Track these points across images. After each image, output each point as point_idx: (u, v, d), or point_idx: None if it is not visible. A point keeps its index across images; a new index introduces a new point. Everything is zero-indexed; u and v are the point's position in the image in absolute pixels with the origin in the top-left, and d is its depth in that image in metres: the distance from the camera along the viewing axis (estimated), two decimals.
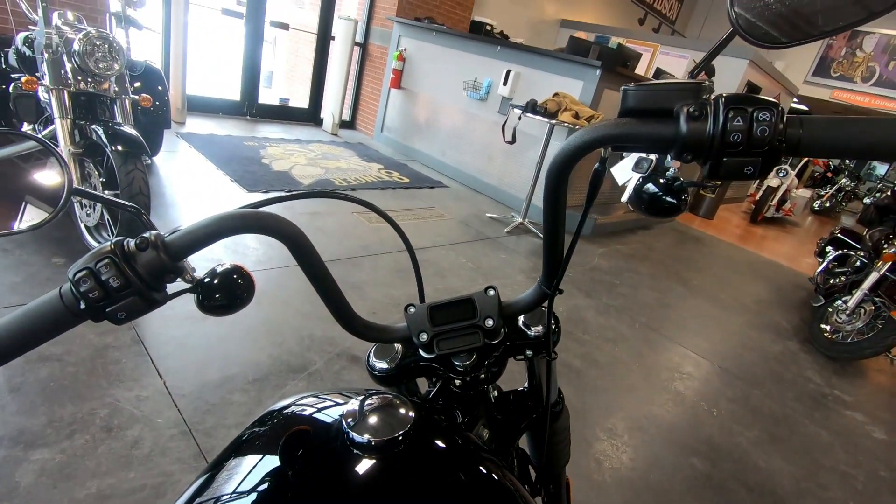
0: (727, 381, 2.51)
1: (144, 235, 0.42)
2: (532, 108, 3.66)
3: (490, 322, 0.55)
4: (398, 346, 0.62)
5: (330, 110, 5.61)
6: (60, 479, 1.20)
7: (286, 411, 0.54)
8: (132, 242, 0.41)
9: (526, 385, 0.70)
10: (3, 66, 2.57)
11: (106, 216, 2.04)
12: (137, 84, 2.89)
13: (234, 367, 1.71)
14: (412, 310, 0.57)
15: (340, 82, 5.44)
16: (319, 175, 4.02)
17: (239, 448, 0.49)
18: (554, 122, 3.62)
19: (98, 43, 1.94)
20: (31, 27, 2.23)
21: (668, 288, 3.61)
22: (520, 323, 0.61)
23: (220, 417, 1.49)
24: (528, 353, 0.60)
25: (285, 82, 7.25)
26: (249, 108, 5.31)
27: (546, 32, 7.75)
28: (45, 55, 1.92)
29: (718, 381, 2.51)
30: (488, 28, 5.61)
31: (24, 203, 0.43)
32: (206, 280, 0.50)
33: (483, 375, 0.59)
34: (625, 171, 0.61)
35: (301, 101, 6.05)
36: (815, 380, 2.80)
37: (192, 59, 4.46)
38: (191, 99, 4.67)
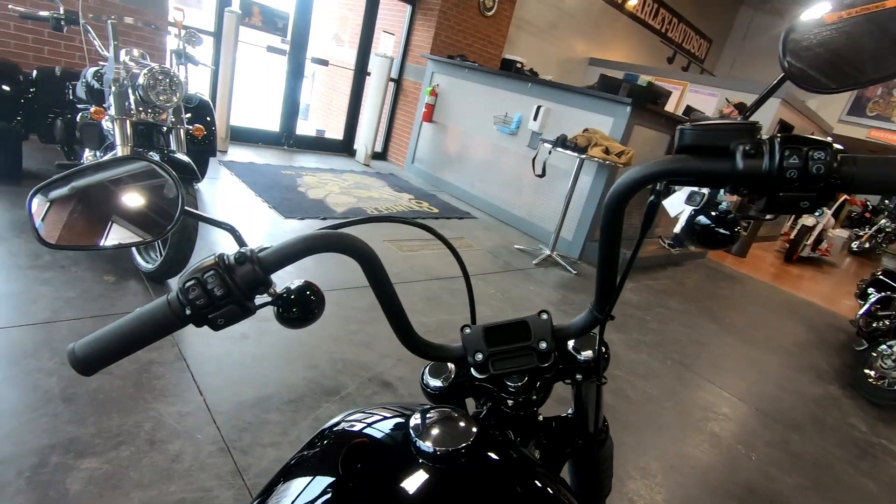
0: (765, 424, 2.42)
1: (242, 250, 0.47)
2: (562, 142, 3.73)
3: (544, 345, 0.58)
4: (451, 365, 0.65)
5: (363, 142, 5.81)
6: (106, 488, 1.24)
7: (337, 429, 0.57)
8: (231, 257, 0.46)
9: (571, 411, 0.72)
10: (72, 98, 2.78)
11: None
12: (188, 115, 3.08)
13: (269, 387, 1.75)
14: (468, 330, 0.60)
15: (374, 115, 5.65)
16: (352, 204, 4.14)
17: (297, 466, 0.52)
18: (584, 156, 3.67)
19: (160, 77, 2.10)
20: (101, 62, 2.42)
21: (700, 325, 3.53)
22: (569, 347, 0.63)
23: (257, 436, 1.52)
24: (578, 377, 0.62)
25: (321, 115, 7.56)
26: (287, 138, 5.55)
27: (575, 70, 7.91)
28: (113, 88, 2.08)
29: (756, 423, 2.42)
30: (518, 65, 5.78)
31: (138, 219, 0.49)
32: (285, 294, 0.54)
33: (535, 397, 0.61)
34: (677, 204, 0.64)
35: (336, 132, 6.29)
36: (860, 427, 2.67)
37: (235, 92, 4.72)
38: (233, 129, 4.91)
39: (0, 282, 1.93)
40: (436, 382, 0.64)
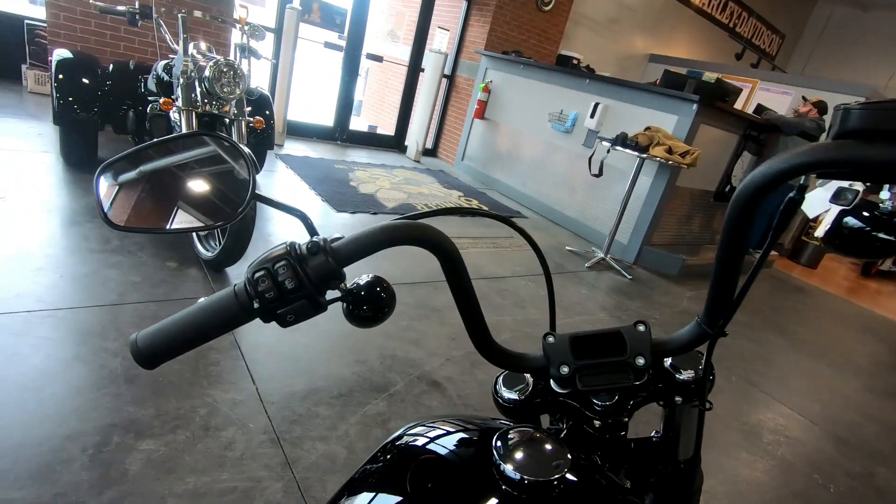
0: (844, 453, 2.20)
1: (314, 240, 0.42)
2: (622, 141, 3.56)
3: (641, 360, 0.50)
4: (528, 376, 0.59)
5: (414, 138, 5.81)
6: (163, 471, 1.26)
7: (402, 442, 0.52)
8: (303, 246, 0.42)
9: (657, 433, 0.64)
10: (143, 91, 2.91)
11: None
12: (249, 108, 3.16)
13: (319, 379, 1.75)
14: (551, 339, 0.53)
15: (426, 112, 5.63)
16: (402, 199, 4.14)
17: (361, 482, 0.48)
18: (645, 156, 3.49)
19: (225, 70, 2.14)
20: (171, 55, 2.51)
21: (766, 339, 3.29)
22: (667, 364, 0.55)
23: (306, 429, 1.51)
24: (678, 399, 0.54)
25: (373, 111, 7.64)
26: (341, 133, 5.63)
27: (633, 67, 7.61)
28: (181, 80, 2.14)
29: (833, 450, 2.21)
30: (575, 62, 5.60)
31: (206, 204, 0.46)
32: (355, 290, 0.50)
33: (626, 419, 0.53)
34: (817, 203, 0.55)
35: (387, 128, 6.33)
36: None
37: (293, 88, 4.82)
38: (290, 123, 5.03)
39: (74, 264, 2.03)
40: (510, 395, 0.58)
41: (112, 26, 3.81)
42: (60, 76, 2.75)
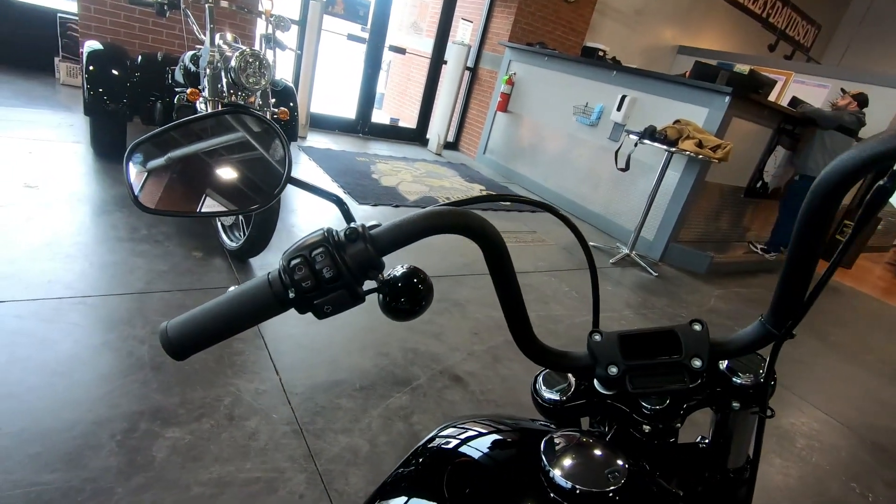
0: (883, 461, 2.11)
1: (353, 226, 0.40)
2: (650, 134, 3.47)
3: (698, 362, 0.46)
4: (570, 376, 0.55)
5: (436, 131, 5.77)
6: (188, 459, 1.27)
7: (437, 443, 0.49)
8: (341, 233, 0.40)
9: (704, 439, 0.60)
10: (170, 82, 2.94)
11: (240, 217, 2.21)
12: (274, 100, 3.17)
13: (341, 372, 1.74)
14: (597, 337, 0.50)
15: (448, 105, 5.59)
16: (424, 192, 4.11)
17: (394, 486, 0.45)
18: (674, 150, 3.39)
19: (251, 60, 2.14)
20: (198, 45, 2.52)
21: (800, 341, 3.17)
22: (722, 367, 0.51)
23: (329, 421, 1.51)
24: (735, 405, 0.50)
25: (395, 104, 7.62)
26: (363, 126, 5.63)
27: (661, 59, 7.41)
28: (208, 71, 2.15)
29: (870, 458, 2.11)
30: (601, 53, 5.48)
31: (241, 186, 0.43)
32: (392, 281, 0.47)
33: (678, 424, 0.50)
34: None
35: (409, 121, 6.31)
36: None
37: (316, 80, 4.83)
38: (312, 116, 5.04)
39: (102, 252, 2.06)
40: (552, 395, 0.54)
41: (140, 18, 3.86)
42: (91, 67, 2.79)
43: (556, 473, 0.38)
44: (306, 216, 3.07)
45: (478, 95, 6.03)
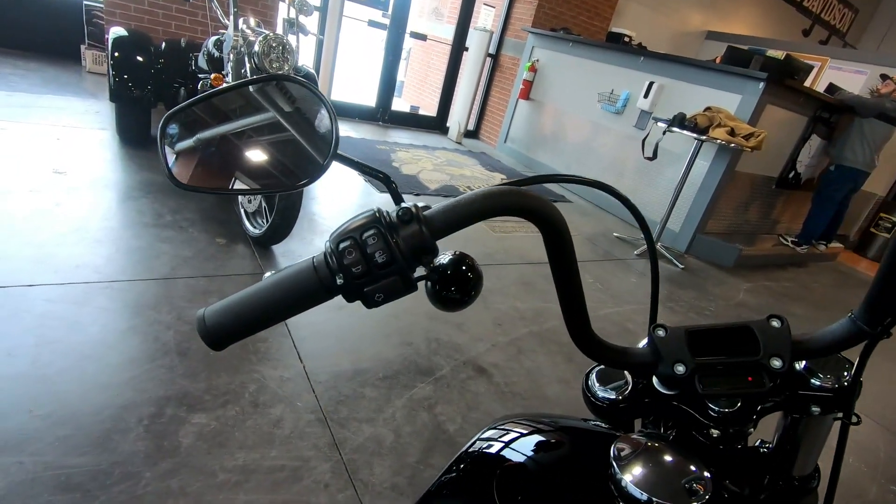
0: None
1: (405, 206, 0.36)
2: (680, 122, 3.36)
3: (778, 362, 0.42)
4: (627, 373, 0.51)
5: (456, 119, 5.70)
6: (214, 445, 1.26)
7: (478, 448, 0.45)
8: (393, 214, 0.36)
9: (766, 443, 0.55)
10: (194, 68, 2.93)
11: (263, 204, 2.20)
12: None
13: (365, 360, 1.72)
14: (662, 332, 0.46)
15: (469, 92, 5.51)
16: (445, 181, 4.07)
17: (439, 493, 0.42)
18: (704, 138, 3.28)
19: (274, 45, 2.11)
20: (221, 31, 2.50)
21: None
22: (798, 367, 0.47)
23: (353, 410, 1.49)
24: (815, 409, 0.46)
25: (415, 92, 7.56)
26: (383, 114, 5.59)
27: (689, 45, 7.19)
28: (231, 55, 2.13)
29: None
30: (626, 39, 5.33)
31: (283, 161, 0.40)
32: (441, 268, 0.44)
33: (751, 429, 0.46)
34: None
35: (429, 109, 6.24)
36: None
37: (336, 67, 4.79)
38: (332, 103, 5.02)
39: (129, 237, 2.07)
40: (606, 393, 0.51)
41: (164, 5, 3.87)
42: (116, 54, 2.80)
43: (629, 481, 0.34)
44: (328, 205, 3.06)
45: (499, 83, 5.93)
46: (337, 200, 3.16)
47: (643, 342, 0.63)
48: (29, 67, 3.89)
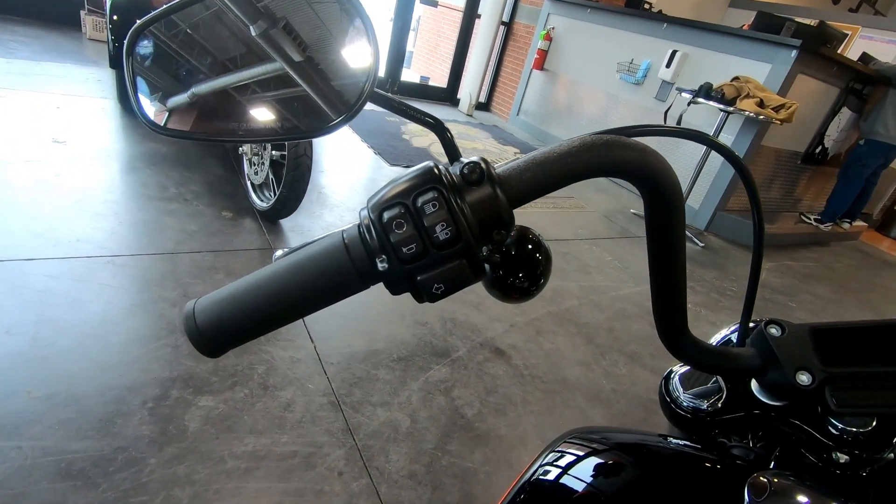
0: None
1: (473, 160, 0.26)
2: (706, 92, 3.19)
3: None
4: (719, 378, 0.42)
5: (468, 90, 5.51)
6: (222, 429, 1.20)
7: (546, 476, 0.36)
8: (457, 171, 0.26)
9: (889, 454, 0.46)
10: None
11: (271, 176, 2.10)
12: None
13: (379, 341, 1.65)
14: (775, 331, 0.36)
15: (481, 63, 5.30)
16: None
17: None
18: (731, 109, 3.12)
19: None
20: None
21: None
22: None
23: (367, 393, 1.42)
24: None
25: (425, 62, 7.33)
26: (392, 85, 5.41)
27: (711, 12, 6.86)
28: None
29: None
30: (646, 6, 5.08)
31: (303, 99, 0.30)
32: (505, 248, 0.34)
33: (891, 454, 0.36)
34: None
35: (439, 80, 6.04)
36: None
37: None
38: None
39: (132, 210, 1.99)
40: (696, 403, 0.41)
41: None
42: (115, 17, 2.67)
43: None
44: (336, 177, 2.95)
45: (512, 52, 5.70)
46: (345, 173, 3.05)
47: (724, 332, 0.54)
48: (28, 34, 3.76)
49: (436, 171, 0.26)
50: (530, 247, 0.36)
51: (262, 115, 0.31)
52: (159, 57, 0.30)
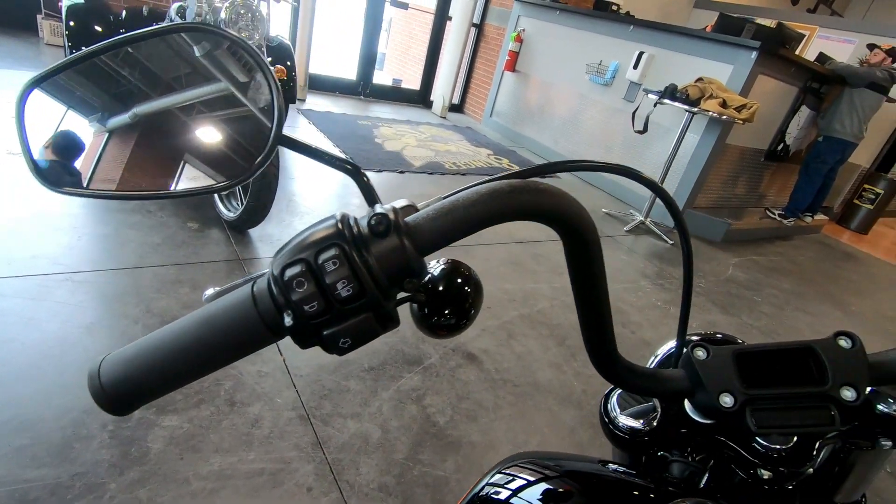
0: None
1: (381, 212, 0.26)
2: (671, 94, 3.26)
3: (850, 393, 0.34)
4: (655, 400, 0.43)
5: (440, 93, 5.52)
6: (187, 449, 1.18)
7: (482, 496, 0.37)
8: (363, 222, 0.26)
9: (808, 468, 0.48)
10: None
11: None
12: (270, 58, 2.96)
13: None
14: (701, 354, 0.37)
15: (453, 64, 5.32)
16: (430, 157, 3.93)
17: None
18: (695, 110, 3.19)
19: (242, 11, 1.95)
20: None
21: (821, 311, 3.07)
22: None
23: (337, 405, 1.41)
24: (886, 443, 0.38)
25: (397, 64, 7.31)
26: (364, 87, 5.38)
27: (676, 14, 7.02)
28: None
29: None
30: (614, 8, 5.16)
31: (217, 156, 0.30)
32: (430, 284, 0.34)
33: (809, 469, 0.38)
34: None
35: (412, 82, 6.03)
36: None
37: (314, 38, 4.56)
38: (311, 77, 4.80)
39: (93, 223, 1.93)
40: (631, 423, 0.42)
41: None
42: (71, 23, 2.58)
43: None
44: (308, 184, 2.92)
45: (484, 54, 5.73)
46: (316, 180, 3.01)
47: (664, 349, 0.55)
48: None
49: (339, 226, 0.26)
50: (459, 280, 0.36)
51: (168, 169, 0.30)
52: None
